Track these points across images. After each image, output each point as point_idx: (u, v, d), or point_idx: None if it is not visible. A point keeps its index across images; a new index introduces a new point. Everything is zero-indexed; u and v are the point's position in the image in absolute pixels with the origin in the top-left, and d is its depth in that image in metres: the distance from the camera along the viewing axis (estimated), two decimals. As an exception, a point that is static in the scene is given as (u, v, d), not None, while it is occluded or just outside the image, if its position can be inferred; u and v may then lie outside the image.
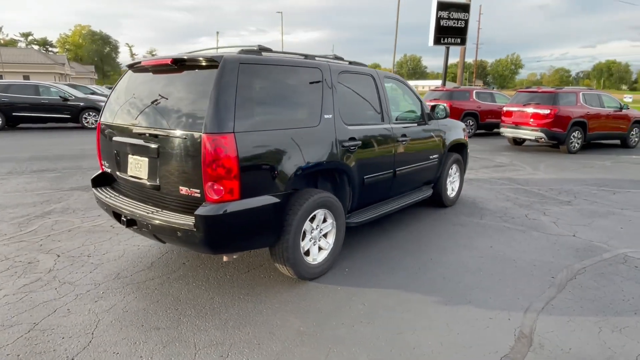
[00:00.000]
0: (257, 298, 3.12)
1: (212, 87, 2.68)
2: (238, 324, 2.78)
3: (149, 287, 3.28)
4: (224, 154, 2.60)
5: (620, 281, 3.46)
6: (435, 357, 2.45)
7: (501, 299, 3.13)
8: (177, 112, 2.90)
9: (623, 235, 4.58)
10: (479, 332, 2.71)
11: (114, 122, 3.36)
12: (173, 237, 2.81)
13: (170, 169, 2.87)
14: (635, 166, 9.09)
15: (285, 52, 3.47)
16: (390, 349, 2.52)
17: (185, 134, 2.74)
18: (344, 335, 2.67)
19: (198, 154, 2.66)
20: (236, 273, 3.54)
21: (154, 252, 3.98)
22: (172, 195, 2.93)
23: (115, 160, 3.37)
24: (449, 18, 16.78)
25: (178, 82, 3.02)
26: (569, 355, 2.48)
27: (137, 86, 3.35)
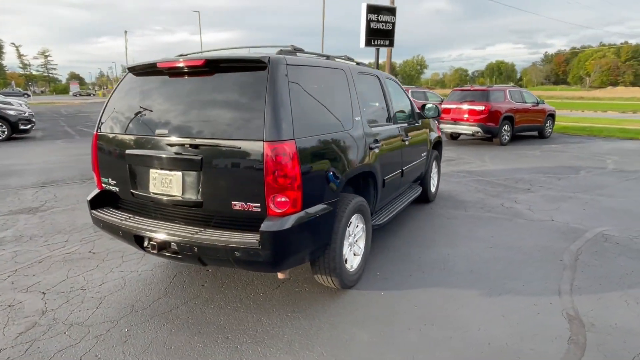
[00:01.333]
0: (306, 314, 2.94)
1: (265, 90, 2.45)
2: (304, 344, 2.59)
3: (179, 316, 2.92)
4: (288, 162, 2.40)
5: (614, 257, 3.87)
6: (513, 349, 2.52)
7: (532, 286, 3.32)
8: (220, 119, 2.60)
9: (589, 216, 5.15)
10: (534, 319, 2.84)
11: (125, 133, 2.92)
12: (227, 258, 2.51)
13: (218, 183, 2.57)
14: (560, 154, 10.28)
15: (309, 52, 3.31)
16: (469, 348, 2.53)
17: (240, 143, 2.46)
18: (417, 340, 2.62)
19: (258, 164, 2.41)
20: (267, 290, 3.30)
21: (159, 275, 3.55)
22: (220, 212, 2.62)
23: (130, 177, 2.93)
24: (378, 21, 17.43)
25: (211, 85, 2.71)
26: (618, 329, 2.71)
27: (152, 92, 2.95)
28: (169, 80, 2.89)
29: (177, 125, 2.69)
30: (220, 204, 2.59)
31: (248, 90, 2.55)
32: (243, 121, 2.51)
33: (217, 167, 2.55)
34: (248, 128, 2.46)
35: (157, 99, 2.89)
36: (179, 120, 2.71)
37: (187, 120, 2.69)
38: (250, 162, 2.45)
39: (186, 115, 2.70)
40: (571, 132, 14.84)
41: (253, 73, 2.57)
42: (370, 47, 17.74)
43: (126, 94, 3.07)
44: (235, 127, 2.51)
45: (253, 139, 2.42)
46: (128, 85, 3.08)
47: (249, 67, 2.62)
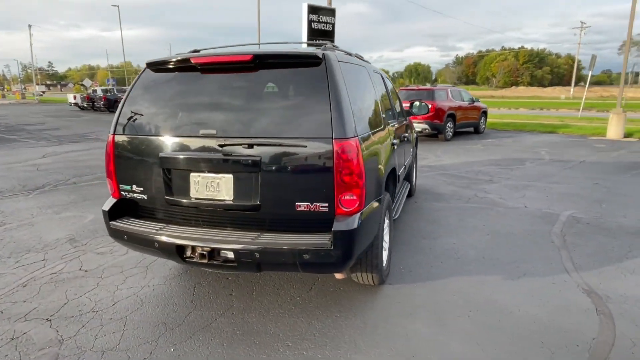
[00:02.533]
0: (353, 312, 2.92)
1: (327, 86, 2.39)
2: (368, 342, 2.57)
3: (223, 329, 2.73)
4: (354, 160, 2.36)
5: (592, 237, 4.35)
6: (556, 324, 2.73)
7: (541, 266, 3.63)
8: (276, 117, 2.48)
9: (553, 201, 5.72)
10: (559, 295, 3.11)
11: (157, 134, 2.65)
12: (294, 261, 2.40)
13: (280, 184, 2.44)
14: (499, 147, 11.24)
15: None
16: (520, 328, 2.70)
17: (305, 141, 2.37)
18: (471, 327, 2.73)
19: (327, 162, 2.34)
20: (301, 293, 3.21)
21: (177, 288, 3.29)
22: (281, 215, 2.49)
23: (165, 182, 2.67)
24: (319, 21, 17.61)
25: (259, 81, 2.57)
26: (629, 298, 3.06)
27: (183, 89, 2.71)
28: (204, 77, 2.68)
29: (225, 125, 2.51)
30: (281, 206, 2.47)
31: (305, 86, 2.46)
32: (305, 119, 2.42)
33: (278, 167, 2.43)
34: (311, 126, 2.38)
35: (193, 97, 2.67)
36: (227, 119, 2.53)
37: (236, 119, 2.52)
38: (317, 161, 2.37)
39: (235, 114, 2.53)
40: (499, 127, 16.28)
41: (307, 69, 2.49)
42: (312, 47, 17.80)
43: (148, 92, 2.79)
44: (295, 125, 2.42)
45: (320, 137, 2.35)
46: (148, 82, 2.80)
47: (300, 63, 2.53)
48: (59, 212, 5.37)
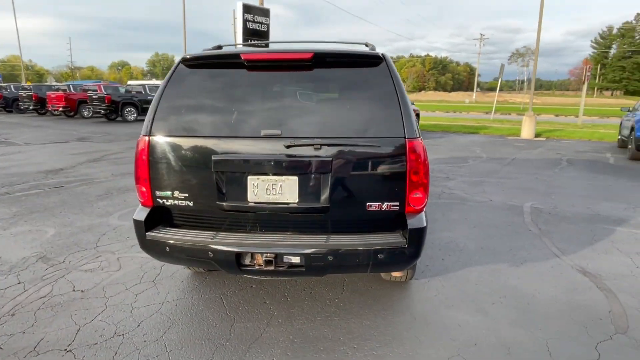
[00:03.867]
0: (398, 310, 2.97)
1: (394, 86, 2.41)
2: (429, 336, 2.64)
3: (277, 338, 2.61)
4: (423, 159, 2.42)
5: (559, 224, 4.92)
6: (574, 302, 3.06)
7: (535, 253, 4.02)
8: (342, 116, 2.43)
9: (512, 195, 6.34)
10: (562, 277, 3.48)
11: (206, 135, 2.44)
12: (367, 262, 2.38)
13: (351, 185, 2.40)
14: (438, 146, 12.08)
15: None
16: (549, 308, 2.98)
17: (377, 141, 2.36)
18: (508, 312, 2.94)
19: (400, 161, 2.36)
20: (337, 295, 3.18)
21: (202, 301, 3.06)
22: (351, 215, 2.45)
23: (218, 186, 2.45)
24: (254, 21, 17.34)
25: (320, 80, 2.50)
26: (617, 275, 3.53)
27: (230, 87, 2.53)
28: (254, 74, 2.54)
29: (288, 125, 2.39)
30: (352, 207, 2.43)
31: (370, 86, 2.46)
32: (374, 119, 2.41)
33: (350, 168, 2.38)
34: (382, 126, 2.38)
35: (245, 96, 2.50)
36: (289, 119, 2.42)
37: (300, 118, 2.42)
38: (390, 160, 2.38)
39: (298, 114, 2.44)
40: (428, 128, 17.48)
41: (368, 69, 2.49)
42: (247, 47, 17.47)
43: (186, 90, 2.55)
44: (365, 125, 2.40)
45: (393, 137, 2.36)
46: (185, 79, 2.57)
47: (360, 63, 2.52)
48: (6, 228, 4.63)
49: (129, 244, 4.17)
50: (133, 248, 4.06)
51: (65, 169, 8.00)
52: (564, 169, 8.52)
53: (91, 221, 4.87)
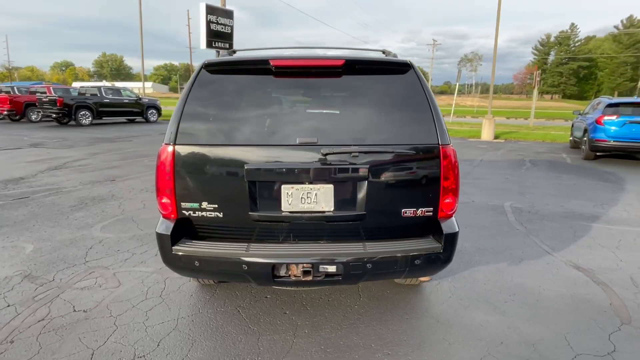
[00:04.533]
0: (420, 313, 3.01)
1: (424, 93, 2.44)
2: (456, 338, 2.70)
3: (309, 349, 2.57)
4: (454, 164, 2.47)
5: (541, 222, 5.21)
6: (578, 295, 3.24)
7: (527, 250, 4.22)
8: (375, 123, 2.42)
9: (490, 195, 6.62)
10: (560, 273, 3.68)
11: (238, 144, 2.35)
12: (405, 268, 2.39)
13: (387, 192, 2.40)
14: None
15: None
16: (557, 302, 3.14)
17: (413, 148, 2.38)
18: (526, 312, 3.06)
19: (434, 168, 2.40)
20: (355, 301, 3.17)
21: (220, 316, 2.95)
22: (386, 222, 2.44)
23: (250, 196, 2.36)
24: (217, 23, 16.99)
25: (350, 87, 2.48)
26: (605, 269, 3.79)
27: (258, 93, 2.46)
28: (281, 81, 2.48)
29: (323, 133, 2.35)
30: (388, 214, 2.43)
31: (401, 93, 2.47)
32: (407, 126, 2.43)
33: (387, 175, 2.38)
34: (417, 133, 2.40)
35: (274, 102, 2.44)
36: (323, 126, 2.38)
37: (334, 126, 2.39)
38: (425, 167, 2.41)
39: (331, 121, 2.41)
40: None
41: (396, 76, 2.51)
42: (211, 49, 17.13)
43: (211, 96, 2.44)
44: (399, 132, 2.41)
45: (427, 144, 2.39)
46: (209, 85, 2.46)
47: (388, 70, 2.53)
48: (-25, 245, 4.22)
49: (121, 257, 3.94)
50: (127, 262, 3.83)
51: (26, 178, 7.41)
52: (530, 170, 9.02)
53: (72, 234, 4.55)
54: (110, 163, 9.07)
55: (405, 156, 2.40)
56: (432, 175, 2.42)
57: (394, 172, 2.41)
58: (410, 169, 2.42)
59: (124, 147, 11.75)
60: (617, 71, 74.44)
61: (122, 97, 18.83)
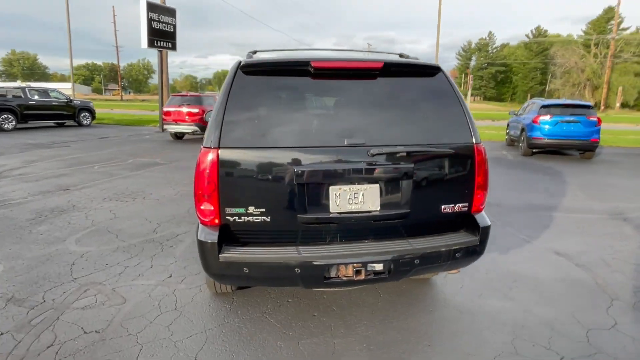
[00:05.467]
0: (441, 306, 3.16)
1: (455, 95, 2.58)
2: (487, 328, 2.88)
3: (354, 349, 2.59)
4: (485, 161, 2.63)
5: (512, 214, 5.65)
6: (568, 279, 3.59)
7: (511, 241, 4.57)
8: (414, 124, 2.50)
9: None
10: (548, 259, 4.04)
11: (289, 145, 2.31)
12: (447, 261, 2.50)
13: (429, 189, 2.48)
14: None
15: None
16: (554, 286, 3.45)
17: (451, 147, 2.49)
18: (532, 296, 3.33)
19: (470, 165, 2.53)
20: (377, 299, 3.24)
21: (249, 323, 2.87)
22: (428, 218, 2.53)
23: (299, 199, 2.32)
24: (160, 21, 16.20)
25: (388, 89, 2.53)
26: (582, 253, 4.23)
27: (298, 95, 2.44)
28: (320, 82, 2.47)
29: (368, 134, 2.39)
30: (430, 211, 2.52)
31: (433, 95, 2.57)
32: (444, 126, 2.53)
33: (429, 173, 2.47)
34: (453, 132, 2.52)
35: (317, 104, 2.43)
36: (367, 127, 2.41)
37: (377, 127, 2.43)
38: (462, 165, 2.53)
39: (375, 122, 2.44)
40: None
41: (427, 79, 2.62)
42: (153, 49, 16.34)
43: (251, 98, 2.37)
44: (438, 132, 2.51)
45: (464, 143, 2.52)
46: (247, 87, 2.39)
47: (420, 73, 2.63)
48: None
49: (113, 272, 3.65)
50: (122, 276, 3.56)
51: (-41, 190, 6.54)
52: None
53: (43, 250, 4.11)
54: (55, 171, 8.27)
55: (445, 155, 2.51)
56: (468, 172, 2.56)
57: (435, 170, 2.52)
58: (449, 167, 2.54)
59: (63, 153, 10.77)
60: (529, 76, 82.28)
61: (50, 99, 17.16)
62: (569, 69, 58.70)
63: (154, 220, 5.17)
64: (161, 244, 4.35)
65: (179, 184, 7.32)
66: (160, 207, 5.76)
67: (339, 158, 2.36)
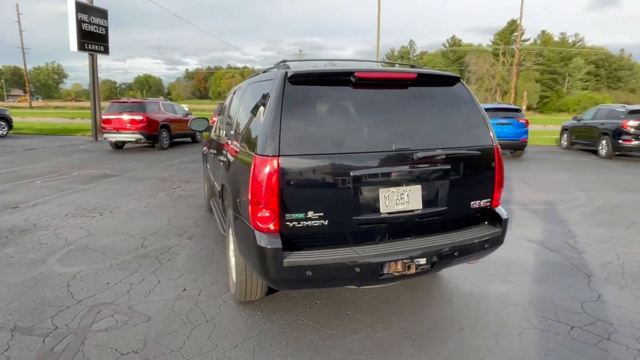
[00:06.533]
0: (456, 295, 3.45)
1: (474, 102, 2.88)
2: (504, 310, 3.21)
3: (399, 340, 2.77)
4: (502, 160, 2.96)
5: (476, 208, 6.21)
6: (551, 261, 4.10)
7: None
8: (445, 129, 2.75)
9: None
10: (527, 247, 4.54)
11: (344, 151, 2.43)
12: (478, 252, 2.78)
13: (461, 188, 2.74)
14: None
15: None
16: (546, 271, 3.93)
17: (478, 149, 2.77)
18: (530, 279, 3.76)
19: (491, 165, 2.84)
20: (397, 294, 3.45)
21: (286, 329, 2.93)
22: (460, 214, 2.78)
23: (354, 201, 2.44)
24: (90, 22, 15.09)
25: (420, 98, 2.76)
26: (547, 241, 4.82)
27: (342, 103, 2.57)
28: (360, 92, 2.63)
29: (409, 138, 2.59)
30: (462, 207, 2.78)
31: (457, 102, 2.85)
32: (469, 130, 2.81)
33: (461, 173, 2.73)
34: (477, 136, 2.81)
35: (363, 112, 2.58)
36: (408, 132, 2.61)
37: (416, 132, 2.64)
38: (486, 164, 2.83)
39: (411, 128, 2.64)
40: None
41: (449, 87, 2.89)
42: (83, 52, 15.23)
43: (302, 107, 2.46)
44: (465, 136, 2.78)
45: (486, 145, 2.82)
46: (296, 96, 2.47)
47: (443, 82, 2.89)
48: None
49: (119, 290, 3.46)
50: (133, 294, 3.40)
51: None
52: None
53: (25, 274, 3.76)
54: (-10, 188, 7.41)
55: (473, 156, 2.80)
56: (491, 171, 2.88)
57: (467, 170, 2.79)
58: (477, 167, 2.84)
59: (-10, 167, 9.64)
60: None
61: (-43, 107, 15.16)
62: (482, 75, 64.55)
63: (136, 234, 4.91)
64: (157, 258, 4.17)
65: (142, 195, 6.97)
66: (135, 221, 5.47)
67: (387, 162, 2.54)
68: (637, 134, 11.20)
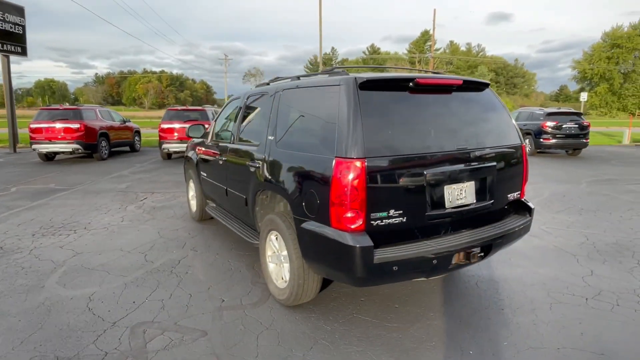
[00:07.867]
0: (483, 281, 3.78)
1: (502, 105, 3.23)
2: (528, 289, 3.60)
3: (452, 327, 3.01)
4: (527, 157, 3.34)
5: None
6: (551, 245, 4.65)
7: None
8: (485, 129, 3.04)
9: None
10: (509, 234, 5.08)
11: (418, 152, 2.60)
12: (517, 238, 3.12)
13: (501, 182, 3.04)
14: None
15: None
16: (549, 257, 4.44)
17: (512, 147, 3.11)
18: (537, 262, 4.23)
19: (521, 162, 3.20)
20: (425, 285, 3.70)
21: (343, 326, 3.02)
22: (500, 206, 3.07)
23: (428, 199, 2.62)
24: (5, 20, 13.45)
25: (466, 102, 3.03)
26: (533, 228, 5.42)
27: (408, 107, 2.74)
28: (417, 96, 2.82)
29: (465, 139, 2.84)
30: (502, 200, 3.08)
31: (490, 106, 3.17)
32: (504, 130, 3.14)
33: (502, 170, 3.04)
34: (510, 135, 3.15)
35: (426, 115, 2.77)
36: (463, 133, 2.85)
37: (467, 133, 2.89)
38: (518, 161, 3.18)
39: (464, 129, 2.89)
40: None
41: (481, 93, 3.20)
42: None
43: (376, 112, 2.58)
44: (503, 135, 3.10)
45: (516, 144, 3.18)
46: (368, 100, 2.59)
47: (477, 88, 3.19)
48: None
49: (154, 307, 3.27)
50: (169, 310, 3.23)
51: None
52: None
53: (28, 302, 3.37)
54: None
55: (510, 154, 3.15)
56: (520, 166, 3.24)
57: (507, 166, 3.12)
58: (514, 163, 3.18)
59: None
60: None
61: None
62: (401, 81, 68.62)
63: (132, 250, 4.59)
64: (171, 272, 3.97)
65: (111, 209, 6.47)
66: (120, 237, 5.10)
67: (452, 160, 2.77)
68: (554, 133, 12.86)
